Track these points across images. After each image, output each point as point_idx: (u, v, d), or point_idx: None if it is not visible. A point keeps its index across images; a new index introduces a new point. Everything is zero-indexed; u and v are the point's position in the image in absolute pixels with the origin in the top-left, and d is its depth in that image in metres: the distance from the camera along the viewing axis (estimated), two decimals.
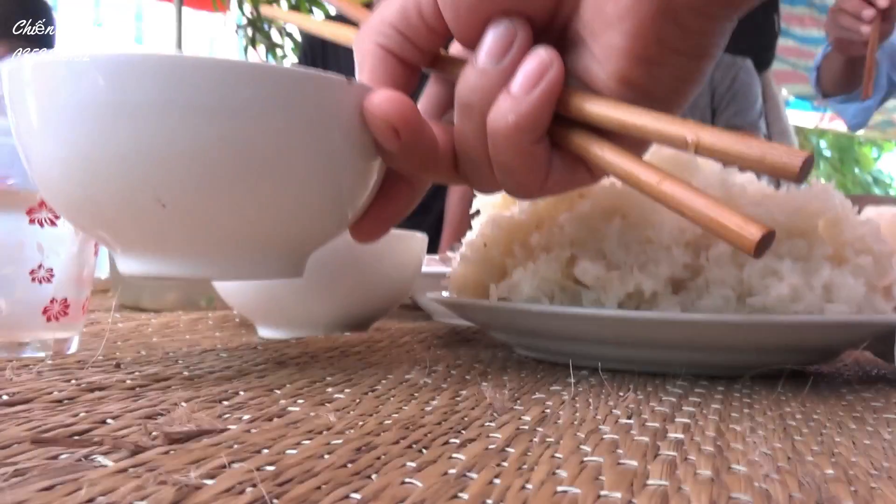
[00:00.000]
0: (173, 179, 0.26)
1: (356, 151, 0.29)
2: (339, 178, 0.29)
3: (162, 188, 0.26)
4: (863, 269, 0.38)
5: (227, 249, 0.29)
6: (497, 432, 0.24)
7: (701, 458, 0.22)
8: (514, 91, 0.27)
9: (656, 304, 0.37)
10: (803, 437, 0.25)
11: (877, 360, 0.49)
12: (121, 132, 0.25)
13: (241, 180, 0.26)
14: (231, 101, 0.25)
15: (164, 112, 0.25)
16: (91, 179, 0.26)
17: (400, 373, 0.34)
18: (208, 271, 0.29)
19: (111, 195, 0.26)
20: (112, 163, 0.26)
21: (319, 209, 0.30)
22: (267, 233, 0.29)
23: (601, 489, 0.18)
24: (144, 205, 0.26)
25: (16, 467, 0.17)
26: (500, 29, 0.27)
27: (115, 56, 0.25)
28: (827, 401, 0.32)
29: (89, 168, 0.26)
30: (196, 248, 0.28)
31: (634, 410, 0.28)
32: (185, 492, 0.16)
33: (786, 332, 0.35)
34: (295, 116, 0.27)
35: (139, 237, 0.28)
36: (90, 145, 0.26)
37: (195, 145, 0.25)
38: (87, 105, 0.25)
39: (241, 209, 0.27)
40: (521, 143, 0.28)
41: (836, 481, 0.20)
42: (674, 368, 0.37)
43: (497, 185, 0.31)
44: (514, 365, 0.39)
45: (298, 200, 0.28)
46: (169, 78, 0.25)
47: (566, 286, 0.38)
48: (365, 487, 0.17)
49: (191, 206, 0.26)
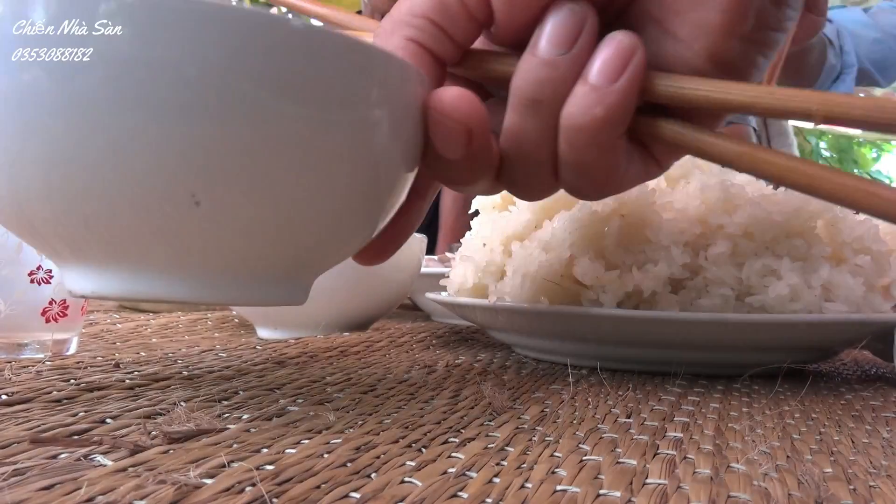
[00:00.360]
0: (186, 172, 0.19)
1: (406, 155, 0.24)
2: (379, 187, 0.24)
3: (167, 181, 0.19)
4: (861, 268, 0.38)
5: (234, 268, 0.22)
6: (496, 431, 0.24)
7: (700, 456, 0.22)
8: (595, 82, 0.24)
9: (655, 303, 0.37)
10: (802, 436, 0.25)
11: (875, 360, 0.49)
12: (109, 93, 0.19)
13: (266, 177, 0.20)
14: (269, 72, 0.19)
15: (161, 77, 0.18)
16: (51, 157, 0.19)
17: (399, 372, 0.34)
18: (197, 294, 0.22)
19: (81, 188, 0.20)
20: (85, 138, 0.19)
21: (350, 223, 0.24)
22: (285, 249, 0.23)
23: (600, 488, 0.18)
24: (128, 201, 0.20)
25: (15, 467, 0.17)
26: (565, 13, 0.24)
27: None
28: (826, 400, 0.32)
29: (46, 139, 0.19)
30: (193, 263, 0.22)
31: (633, 409, 0.28)
32: (185, 491, 0.16)
33: (785, 331, 0.35)
34: (348, 103, 0.21)
35: (109, 246, 0.21)
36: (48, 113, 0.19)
37: (220, 128, 0.19)
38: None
39: (259, 216, 0.21)
40: (607, 138, 0.25)
41: (835, 480, 0.20)
42: (673, 368, 0.37)
43: (551, 189, 0.28)
44: (514, 364, 0.39)
45: (328, 210, 0.22)
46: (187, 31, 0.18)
47: (565, 286, 0.38)
48: (364, 486, 0.17)
49: (202, 209, 0.20)
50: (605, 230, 0.38)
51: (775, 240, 0.37)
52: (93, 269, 0.22)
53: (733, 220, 0.37)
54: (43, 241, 0.22)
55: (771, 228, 0.37)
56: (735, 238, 0.37)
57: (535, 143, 0.26)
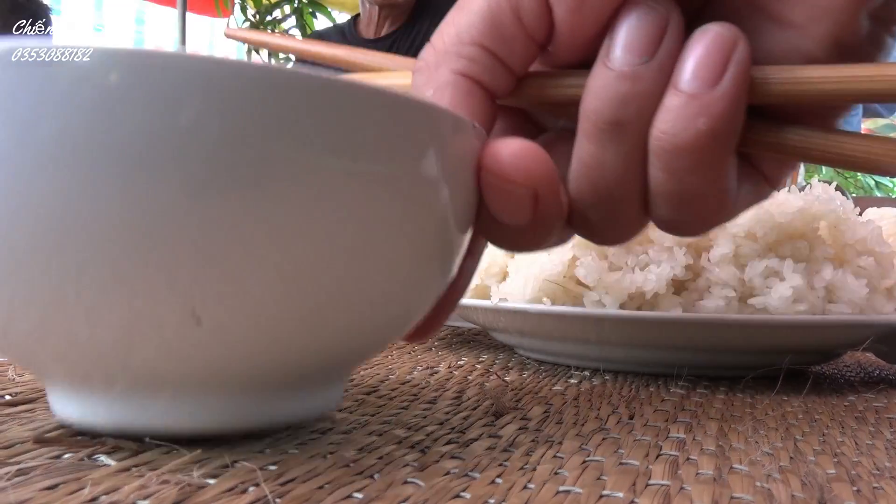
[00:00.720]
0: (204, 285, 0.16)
1: (459, 225, 0.20)
2: (426, 269, 0.20)
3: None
4: (864, 270, 0.38)
5: (247, 389, 0.19)
6: (499, 432, 0.24)
7: (703, 457, 0.22)
8: (691, 88, 0.19)
9: (658, 304, 0.37)
10: (805, 437, 0.25)
11: (878, 361, 0.49)
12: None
13: (307, 271, 0.17)
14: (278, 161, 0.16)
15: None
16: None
17: (402, 374, 0.34)
18: (206, 422, 0.19)
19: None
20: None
21: (389, 315, 0.20)
22: (315, 357, 0.19)
23: (603, 489, 0.18)
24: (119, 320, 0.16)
25: (19, 467, 0.17)
26: (641, 13, 0.20)
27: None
28: (829, 401, 0.32)
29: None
30: (198, 387, 0.18)
31: (636, 410, 0.28)
32: (188, 491, 0.16)
33: (787, 333, 0.35)
34: (383, 191, 0.17)
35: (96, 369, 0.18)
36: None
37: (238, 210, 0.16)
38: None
39: (298, 321, 0.18)
40: (714, 156, 0.20)
41: (839, 481, 0.20)
42: (675, 369, 0.37)
43: (639, 228, 0.24)
44: (516, 366, 0.39)
45: (361, 308, 0.19)
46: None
47: (568, 287, 0.38)
48: (367, 487, 0.17)
49: (229, 317, 0.17)
50: None
51: (778, 241, 0.37)
52: (81, 395, 0.19)
53: (736, 221, 0.37)
54: (21, 359, 0.19)
55: (774, 230, 0.37)
56: (737, 239, 0.37)
57: (619, 176, 0.21)
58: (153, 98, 0.15)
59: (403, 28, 1.36)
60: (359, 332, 0.20)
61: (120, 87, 0.15)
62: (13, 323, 0.17)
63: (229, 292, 0.16)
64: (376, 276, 0.18)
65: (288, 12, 2.76)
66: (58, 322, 0.16)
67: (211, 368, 0.18)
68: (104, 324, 0.16)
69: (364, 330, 0.20)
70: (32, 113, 0.15)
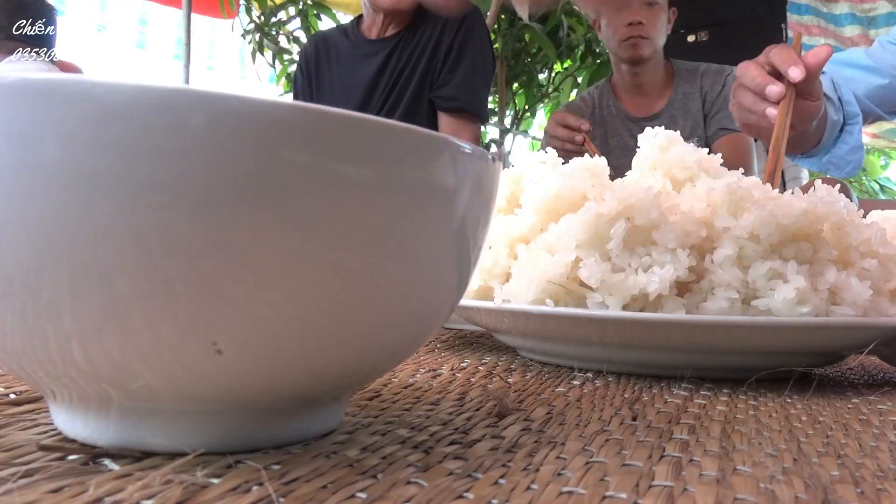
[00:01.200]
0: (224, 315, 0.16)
1: (470, 254, 0.21)
2: (439, 298, 0.21)
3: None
4: (868, 272, 0.38)
5: (256, 412, 0.19)
6: (502, 433, 0.24)
7: (706, 458, 0.22)
8: None
9: (661, 306, 0.37)
10: (808, 439, 0.25)
11: (883, 364, 0.49)
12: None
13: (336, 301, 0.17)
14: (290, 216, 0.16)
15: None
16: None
17: (405, 376, 0.34)
18: (214, 441, 0.19)
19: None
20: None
21: (391, 345, 0.21)
22: (323, 383, 0.20)
23: (607, 490, 0.18)
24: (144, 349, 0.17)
25: (24, 469, 0.17)
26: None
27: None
28: (832, 403, 0.32)
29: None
30: (211, 410, 0.19)
31: (639, 412, 0.28)
32: (192, 490, 0.16)
33: (791, 335, 0.35)
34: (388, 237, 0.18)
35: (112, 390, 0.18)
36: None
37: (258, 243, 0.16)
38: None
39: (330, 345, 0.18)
40: None
41: (842, 482, 0.20)
42: (678, 371, 0.37)
43: None
44: (519, 367, 0.39)
45: (372, 339, 0.19)
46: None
47: (571, 288, 0.38)
48: (370, 487, 0.17)
49: (247, 348, 0.17)
50: (611, 233, 0.38)
51: (781, 243, 0.37)
52: (91, 415, 0.19)
53: (739, 223, 0.37)
54: (35, 382, 0.19)
55: (777, 231, 0.37)
56: (741, 241, 0.37)
57: None
58: (182, 143, 0.15)
59: (406, 30, 1.36)
60: (366, 360, 0.20)
61: (148, 127, 0.15)
62: (38, 349, 0.17)
63: (248, 326, 0.17)
64: (386, 309, 0.19)
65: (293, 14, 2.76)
66: (84, 351, 0.17)
67: (228, 393, 0.18)
68: (132, 353, 0.17)
69: (371, 356, 0.20)
70: (65, 149, 0.15)
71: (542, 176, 0.45)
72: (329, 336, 0.18)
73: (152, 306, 0.16)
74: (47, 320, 0.16)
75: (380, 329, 0.19)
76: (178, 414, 0.18)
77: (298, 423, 0.21)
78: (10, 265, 0.16)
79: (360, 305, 0.18)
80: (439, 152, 0.18)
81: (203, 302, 0.16)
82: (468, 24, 1.37)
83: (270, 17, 2.77)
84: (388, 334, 0.20)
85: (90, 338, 0.16)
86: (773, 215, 0.37)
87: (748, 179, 0.42)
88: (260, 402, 0.19)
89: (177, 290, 0.16)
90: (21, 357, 0.18)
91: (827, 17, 2.84)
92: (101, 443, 0.19)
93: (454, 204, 0.19)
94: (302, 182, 0.16)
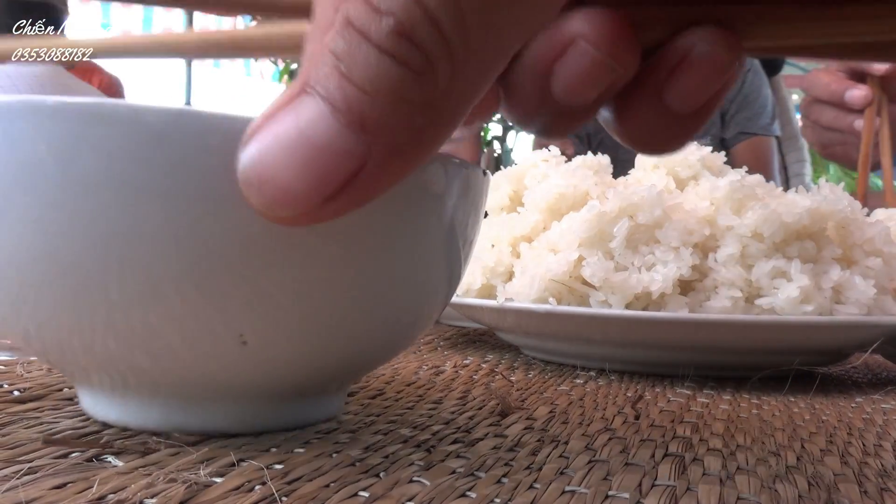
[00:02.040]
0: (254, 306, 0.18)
1: (461, 253, 0.23)
2: (437, 293, 0.23)
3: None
4: (872, 270, 0.38)
5: (273, 397, 0.22)
6: (505, 432, 0.24)
7: (710, 457, 0.22)
8: None
9: (664, 305, 0.37)
10: (812, 438, 0.25)
11: (887, 363, 0.49)
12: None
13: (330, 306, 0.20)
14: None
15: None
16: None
17: (407, 374, 0.34)
18: (235, 424, 0.21)
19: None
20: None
21: (396, 340, 0.23)
22: (332, 374, 0.22)
23: (610, 489, 0.18)
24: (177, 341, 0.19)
25: (28, 466, 0.17)
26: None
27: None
28: (836, 403, 0.32)
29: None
30: (234, 396, 0.21)
31: (642, 411, 0.28)
32: (195, 489, 0.16)
33: (794, 334, 0.35)
34: (398, 235, 0.20)
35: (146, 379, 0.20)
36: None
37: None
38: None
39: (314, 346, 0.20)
40: None
41: (846, 482, 0.20)
42: (682, 370, 0.37)
43: None
44: (522, 366, 0.39)
45: (377, 334, 0.22)
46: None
47: (574, 287, 0.38)
48: (373, 485, 0.17)
49: (270, 339, 0.19)
50: (614, 231, 0.38)
51: (785, 241, 0.37)
52: (118, 399, 0.21)
53: (743, 222, 0.37)
54: (65, 368, 0.21)
55: (781, 230, 0.37)
56: (744, 239, 0.37)
57: None
58: (218, 162, 0.17)
59: None
60: (368, 351, 0.22)
61: (190, 148, 0.17)
62: (75, 339, 0.19)
63: (272, 319, 0.19)
64: (393, 300, 0.21)
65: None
66: (119, 344, 0.19)
67: (251, 380, 0.21)
68: (170, 344, 0.19)
69: (373, 348, 0.22)
70: (117, 166, 0.17)
71: (545, 174, 0.45)
72: (337, 329, 0.20)
73: (189, 304, 0.18)
74: (95, 316, 0.18)
75: (382, 322, 0.21)
76: (205, 398, 0.21)
77: (307, 407, 0.23)
78: (67, 265, 0.18)
79: (365, 301, 0.20)
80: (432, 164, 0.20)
81: (233, 300, 0.18)
82: None
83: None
84: (389, 327, 0.22)
85: (133, 331, 0.18)
86: (776, 213, 0.37)
87: (751, 177, 0.42)
88: (276, 389, 0.21)
89: (211, 290, 0.18)
90: (65, 347, 0.20)
91: None
92: (134, 425, 0.21)
93: (445, 206, 0.21)
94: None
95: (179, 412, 0.21)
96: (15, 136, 0.17)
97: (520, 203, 0.46)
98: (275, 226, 0.16)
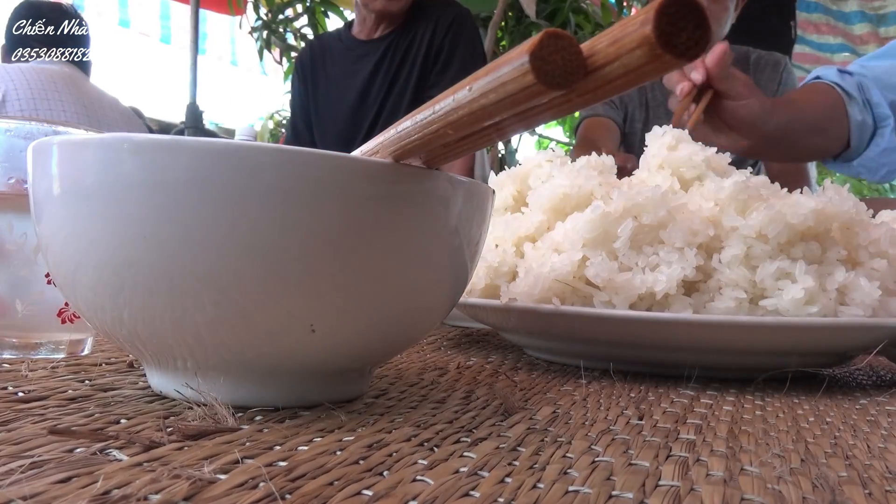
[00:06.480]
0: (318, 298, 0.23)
1: (471, 254, 0.28)
2: (454, 283, 0.27)
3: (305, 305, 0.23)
4: (877, 272, 0.38)
5: (321, 375, 0.26)
6: (508, 432, 0.24)
7: (713, 458, 0.22)
8: None
9: (668, 305, 0.37)
10: (816, 440, 0.25)
11: (891, 365, 0.49)
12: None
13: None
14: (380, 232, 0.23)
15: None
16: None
17: (411, 374, 0.34)
18: (291, 399, 0.26)
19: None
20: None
21: (430, 324, 0.28)
22: (372, 355, 0.27)
23: (613, 489, 0.18)
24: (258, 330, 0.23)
25: (32, 460, 0.17)
26: None
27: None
28: (840, 404, 0.32)
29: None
30: (297, 375, 0.26)
31: (646, 411, 0.28)
32: (199, 486, 0.16)
33: (798, 335, 0.35)
34: (444, 234, 0.25)
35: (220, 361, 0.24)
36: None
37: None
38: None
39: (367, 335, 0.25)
40: None
41: (850, 483, 0.20)
42: (685, 370, 0.37)
43: None
44: (525, 366, 0.39)
45: (420, 319, 0.27)
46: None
47: (577, 287, 0.38)
48: (376, 484, 0.17)
49: (336, 327, 0.24)
50: (618, 231, 0.38)
51: (790, 242, 0.37)
52: (189, 376, 0.25)
53: (747, 222, 0.37)
54: (153, 353, 0.25)
55: (785, 231, 0.37)
56: (749, 240, 0.37)
57: None
58: (306, 188, 0.22)
59: (398, 31, 1.36)
60: (398, 338, 0.27)
61: (287, 177, 0.22)
62: (165, 327, 0.23)
63: (339, 309, 0.24)
64: (426, 292, 0.26)
65: (300, 11, 2.76)
66: (204, 329, 0.23)
67: (316, 362, 0.25)
68: (254, 332, 0.23)
69: (402, 335, 0.27)
70: (226, 194, 0.22)
71: (550, 174, 0.45)
72: (378, 320, 0.25)
73: (271, 299, 0.23)
74: (196, 310, 0.23)
75: (410, 313, 0.26)
76: (277, 376, 0.25)
77: (348, 384, 0.27)
78: (178, 273, 0.22)
79: (398, 296, 0.25)
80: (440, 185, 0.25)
81: (307, 296, 0.23)
82: (457, 24, 1.37)
83: (278, 15, 2.77)
84: (415, 316, 0.27)
85: (226, 322, 0.23)
86: (781, 214, 0.37)
87: (756, 178, 0.42)
88: (333, 367, 0.26)
89: (290, 288, 0.23)
90: (156, 335, 0.24)
91: (836, 15, 2.83)
92: (208, 399, 0.24)
93: (451, 213, 0.25)
94: (373, 212, 0.23)
95: (255, 389, 0.25)
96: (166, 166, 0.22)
97: (524, 203, 0.46)
98: (339, 245, 0.22)
